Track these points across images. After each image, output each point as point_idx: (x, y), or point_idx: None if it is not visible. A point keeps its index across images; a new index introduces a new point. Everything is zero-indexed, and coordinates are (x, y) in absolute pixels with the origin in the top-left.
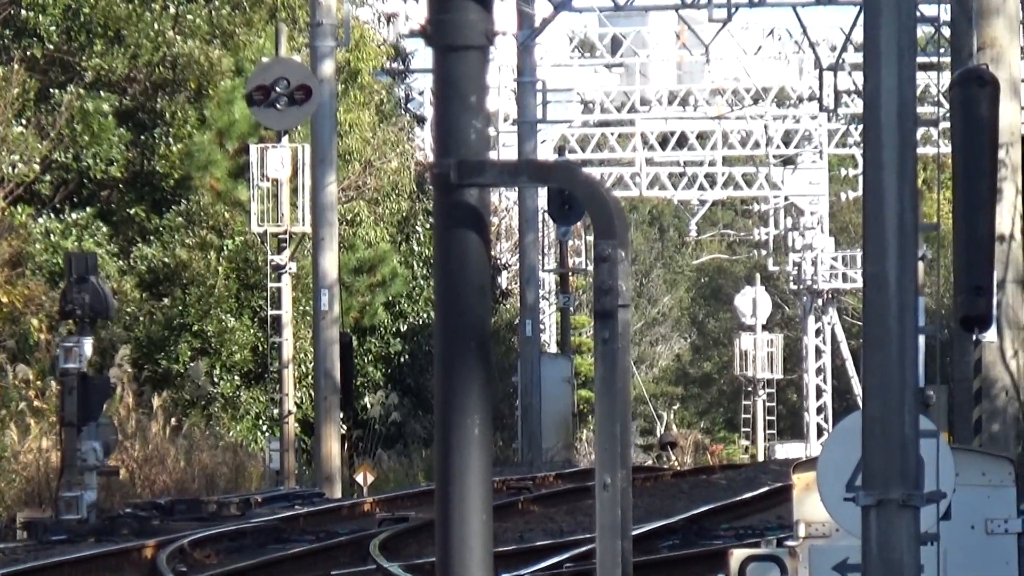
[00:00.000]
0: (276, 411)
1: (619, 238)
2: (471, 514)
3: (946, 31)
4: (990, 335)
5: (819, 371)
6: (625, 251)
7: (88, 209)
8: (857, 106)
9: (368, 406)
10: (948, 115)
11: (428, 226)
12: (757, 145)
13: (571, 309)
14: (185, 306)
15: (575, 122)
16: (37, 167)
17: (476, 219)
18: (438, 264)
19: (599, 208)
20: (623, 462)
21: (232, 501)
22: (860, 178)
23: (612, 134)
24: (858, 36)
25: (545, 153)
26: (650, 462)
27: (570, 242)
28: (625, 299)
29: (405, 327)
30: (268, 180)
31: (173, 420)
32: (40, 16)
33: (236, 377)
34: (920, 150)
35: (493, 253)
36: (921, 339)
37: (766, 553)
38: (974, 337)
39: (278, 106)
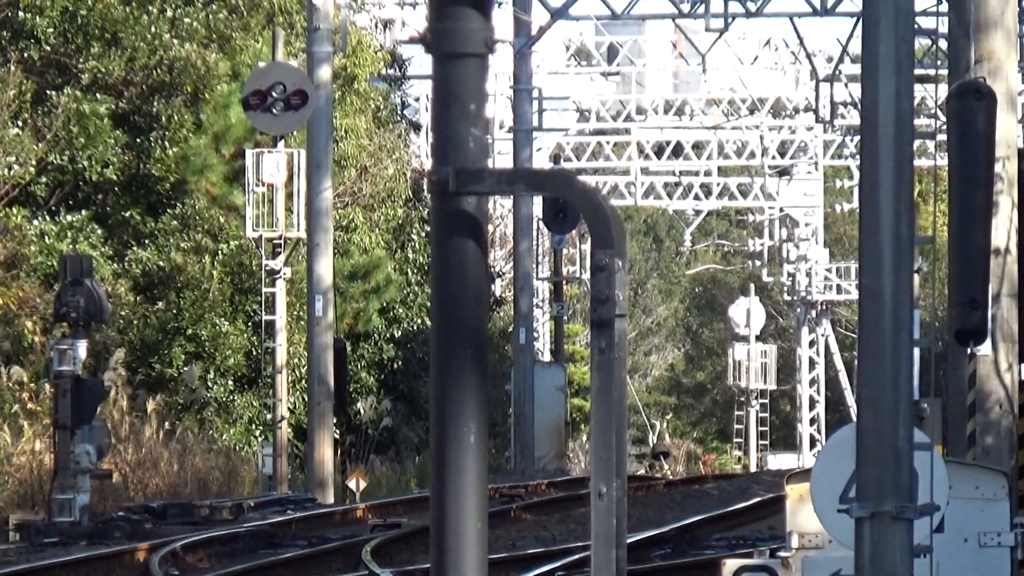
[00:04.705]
0: (269, 416)
1: (616, 247)
2: (466, 521)
3: (943, 43)
4: (985, 348)
5: (812, 382)
6: (622, 260)
7: (83, 212)
8: (853, 118)
9: (361, 411)
10: (945, 127)
11: (424, 234)
12: (752, 155)
13: (565, 317)
14: (179, 310)
15: (571, 130)
16: (33, 169)
17: (474, 227)
18: (435, 272)
19: (597, 217)
20: (619, 471)
21: (225, 505)
22: (855, 190)
23: (608, 143)
24: (855, 47)
25: (541, 161)
26: (642, 471)
27: (564, 250)
28: (622, 308)
29: (399, 333)
30: (263, 185)
31: (166, 424)
32: (37, 18)
33: (230, 381)
34: (916, 162)
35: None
36: (916, 351)
37: (759, 563)
38: (969, 350)
39: (274, 111)
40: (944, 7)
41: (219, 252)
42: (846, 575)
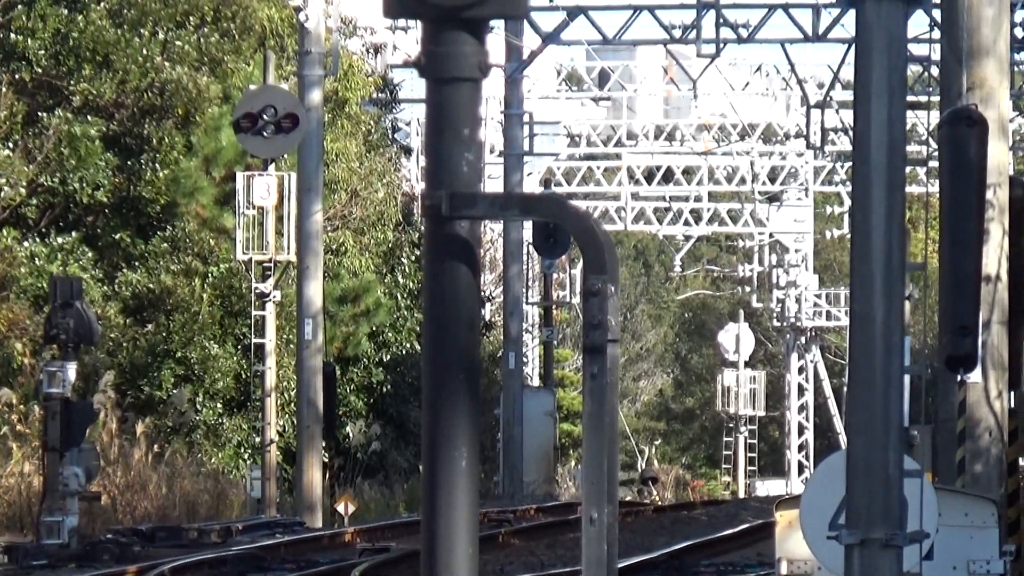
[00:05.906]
0: (258, 439)
1: (609, 273)
2: (457, 546)
3: (935, 70)
4: (975, 375)
5: (801, 408)
6: (615, 286)
7: (74, 234)
8: (843, 144)
9: (350, 435)
10: (936, 154)
11: (414, 257)
12: (743, 181)
13: (554, 342)
14: (169, 332)
15: (561, 155)
16: (23, 191)
17: (467, 251)
18: (427, 296)
19: (590, 242)
20: (610, 497)
21: (213, 528)
22: (845, 216)
23: (598, 168)
24: (845, 74)
25: (531, 186)
26: (631, 497)
27: (554, 275)
28: (614, 334)
29: (388, 357)
30: (254, 208)
31: (155, 447)
32: (29, 40)
33: (219, 404)
34: (907, 189)
35: None
36: (906, 379)
37: None
38: (959, 377)
39: (265, 134)
40: (936, 34)
41: (209, 275)
42: None
